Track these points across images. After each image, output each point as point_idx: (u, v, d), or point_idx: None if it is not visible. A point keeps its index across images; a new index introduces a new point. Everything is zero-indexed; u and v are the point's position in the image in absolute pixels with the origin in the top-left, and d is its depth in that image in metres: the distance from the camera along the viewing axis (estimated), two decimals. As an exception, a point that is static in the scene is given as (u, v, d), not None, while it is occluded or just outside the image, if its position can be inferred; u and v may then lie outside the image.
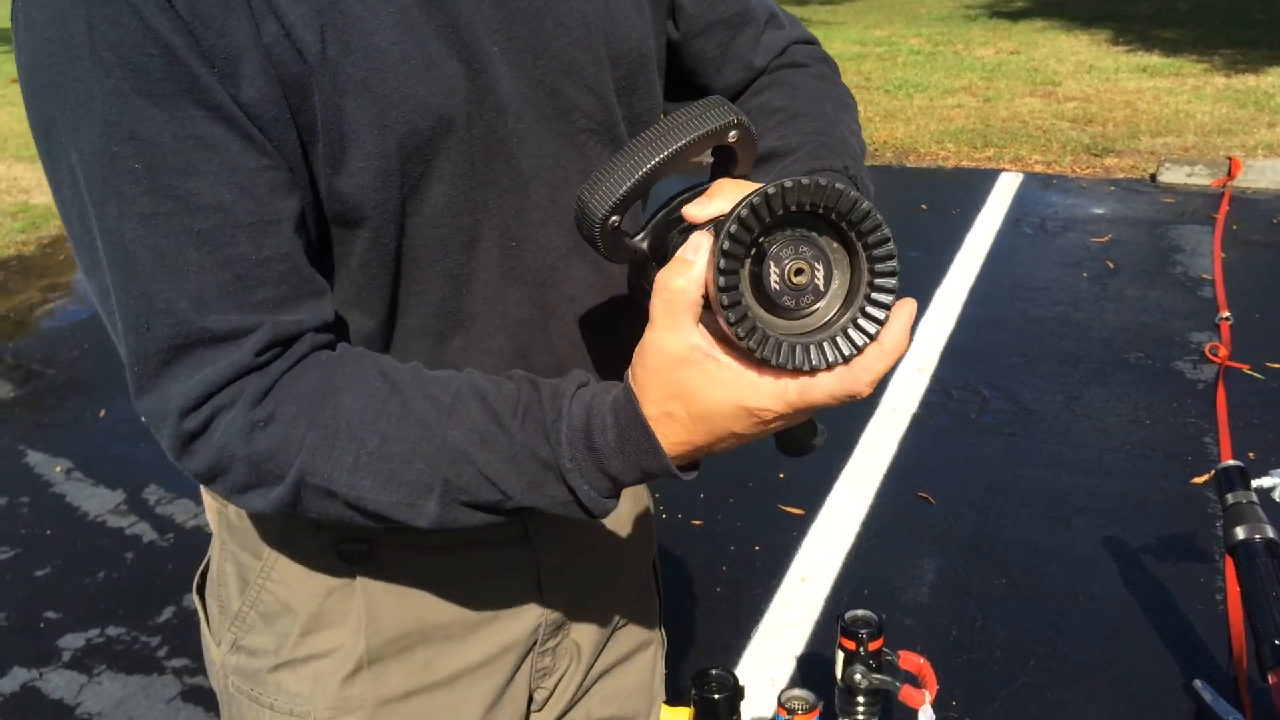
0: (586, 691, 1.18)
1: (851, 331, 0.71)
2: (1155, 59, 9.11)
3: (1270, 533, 2.11)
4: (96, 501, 3.44)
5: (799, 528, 3.12)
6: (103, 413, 4.06)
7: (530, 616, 1.06)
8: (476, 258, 0.89)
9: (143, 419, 0.80)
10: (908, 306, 0.73)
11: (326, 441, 0.78)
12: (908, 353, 0.77)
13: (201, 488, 1.05)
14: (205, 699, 2.57)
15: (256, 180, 0.76)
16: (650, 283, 0.77)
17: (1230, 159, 6.14)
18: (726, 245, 0.67)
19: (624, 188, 0.76)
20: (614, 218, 0.77)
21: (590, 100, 0.92)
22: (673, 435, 0.76)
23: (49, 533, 3.28)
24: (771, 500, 3.26)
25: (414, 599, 1.00)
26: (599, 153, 0.95)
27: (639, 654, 1.24)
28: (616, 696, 1.22)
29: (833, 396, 0.72)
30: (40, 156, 0.77)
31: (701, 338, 0.73)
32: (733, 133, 0.78)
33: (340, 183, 0.80)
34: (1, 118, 9.46)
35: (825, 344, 0.71)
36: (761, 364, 0.71)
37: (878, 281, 0.71)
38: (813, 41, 1.13)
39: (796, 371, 0.71)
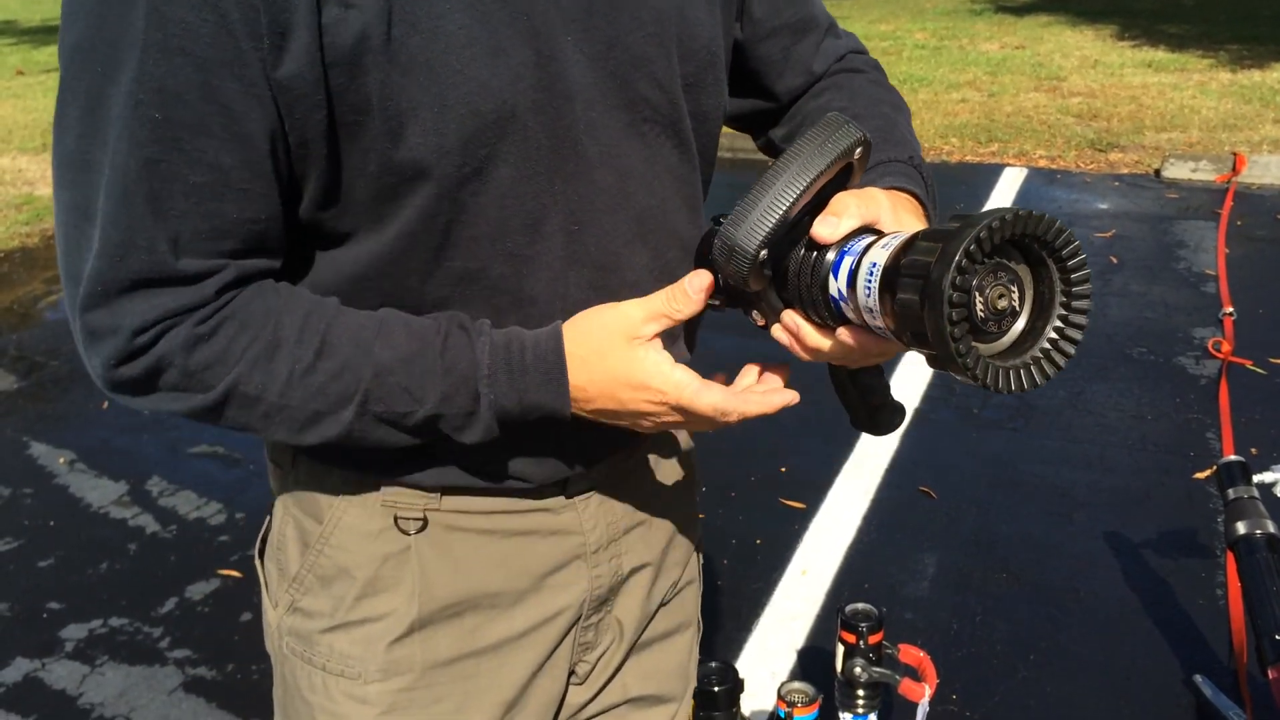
0: (624, 665, 1.21)
1: (1055, 353, 0.75)
2: (1160, 54, 9.10)
3: (1271, 528, 2.11)
4: (99, 493, 3.45)
5: (800, 521, 3.13)
6: (106, 405, 4.06)
7: (575, 591, 1.10)
8: (540, 240, 0.92)
9: (82, 327, 0.84)
10: (776, 385, 0.95)
11: (266, 355, 0.86)
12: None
13: (267, 456, 1.13)
14: (207, 689, 2.58)
15: (260, 156, 0.81)
16: (770, 303, 0.86)
17: (1235, 154, 6.13)
18: (957, 280, 0.69)
19: (773, 221, 0.79)
20: (764, 252, 0.80)
21: (658, 94, 0.95)
22: (578, 377, 0.90)
23: (52, 524, 3.28)
24: (773, 494, 3.26)
25: (466, 568, 1.04)
26: (662, 145, 0.99)
27: (678, 635, 1.27)
28: (654, 675, 1.24)
29: (714, 409, 0.90)
30: (60, 60, 0.81)
31: (650, 330, 0.90)
32: (859, 150, 0.81)
33: (399, 155, 0.83)
34: (5, 110, 9.48)
35: (1033, 367, 0.74)
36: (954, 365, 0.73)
37: (1075, 304, 0.74)
38: (864, 51, 1.19)
39: (962, 371, 0.72)
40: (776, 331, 0.90)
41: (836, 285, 0.81)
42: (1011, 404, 3.72)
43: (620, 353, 0.88)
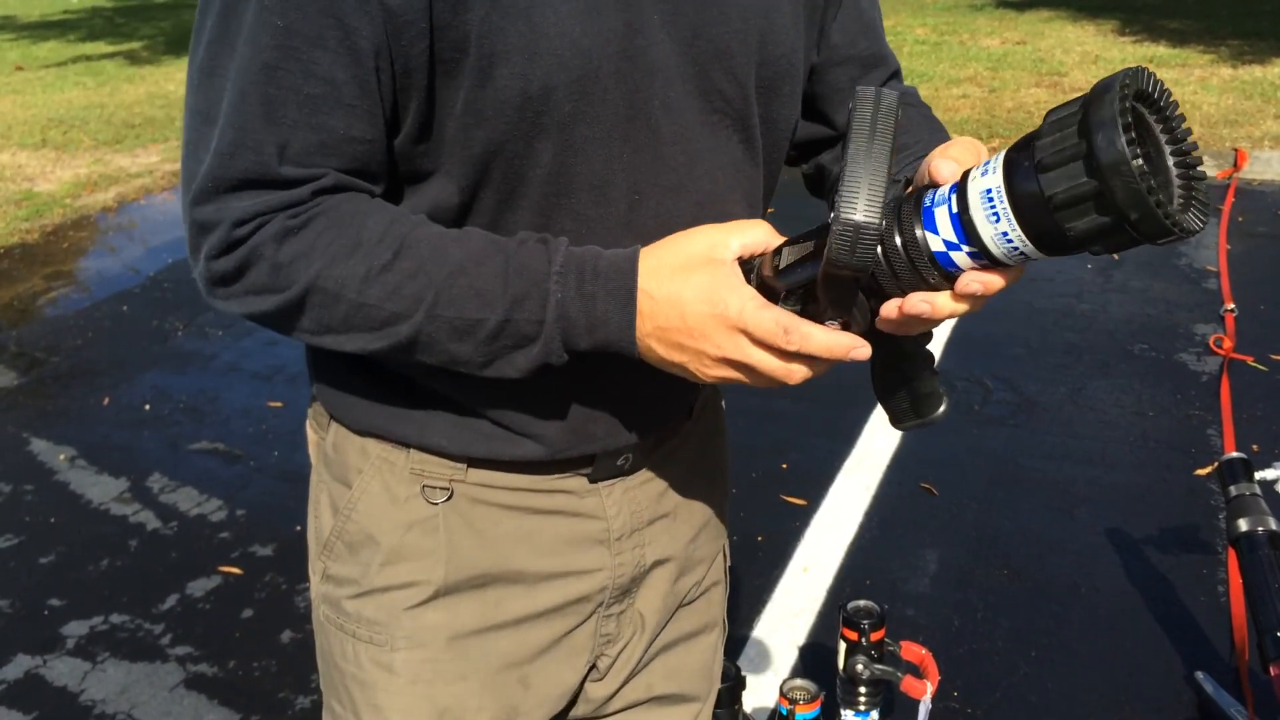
0: (648, 664, 1.21)
1: (1195, 187, 0.74)
2: (1161, 50, 9.09)
3: (1273, 525, 2.11)
4: (100, 489, 3.45)
5: (802, 518, 3.13)
6: (106, 401, 4.06)
7: (598, 577, 1.11)
8: (604, 204, 0.95)
9: (192, 221, 0.90)
10: (859, 343, 0.86)
11: (346, 251, 0.88)
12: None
13: (308, 425, 1.16)
14: (208, 686, 2.58)
15: (368, 74, 0.86)
16: (860, 309, 0.84)
17: (1236, 150, 6.12)
18: (1131, 135, 0.67)
19: (882, 189, 0.76)
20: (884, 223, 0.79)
21: (733, 87, 0.99)
22: (648, 283, 0.88)
23: (53, 520, 3.28)
24: (774, 490, 3.26)
25: (490, 542, 1.07)
26: (729, 139, 1.02)
27: (703, 635, 1.27)
28: (678, 674, 1.25)
29: (776, 323, 0.83)
30: None
31: (736, 248, 0.88)
32: (899, 111, 0.81)
33: (484, 95, 0.87)
34: (5, 105, 9.47)
35: (1193, 204, 0.73)
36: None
37: (1184, 144, 0.75)
38: (920, 101, 1.23)
39: (1165, 230, 0.70)
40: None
41: (940, 239, 0.79)
42: (1012, 400, 3.71)
43: (698, 264, 0.87)
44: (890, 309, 0.83)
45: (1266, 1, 10.80)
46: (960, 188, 0.78)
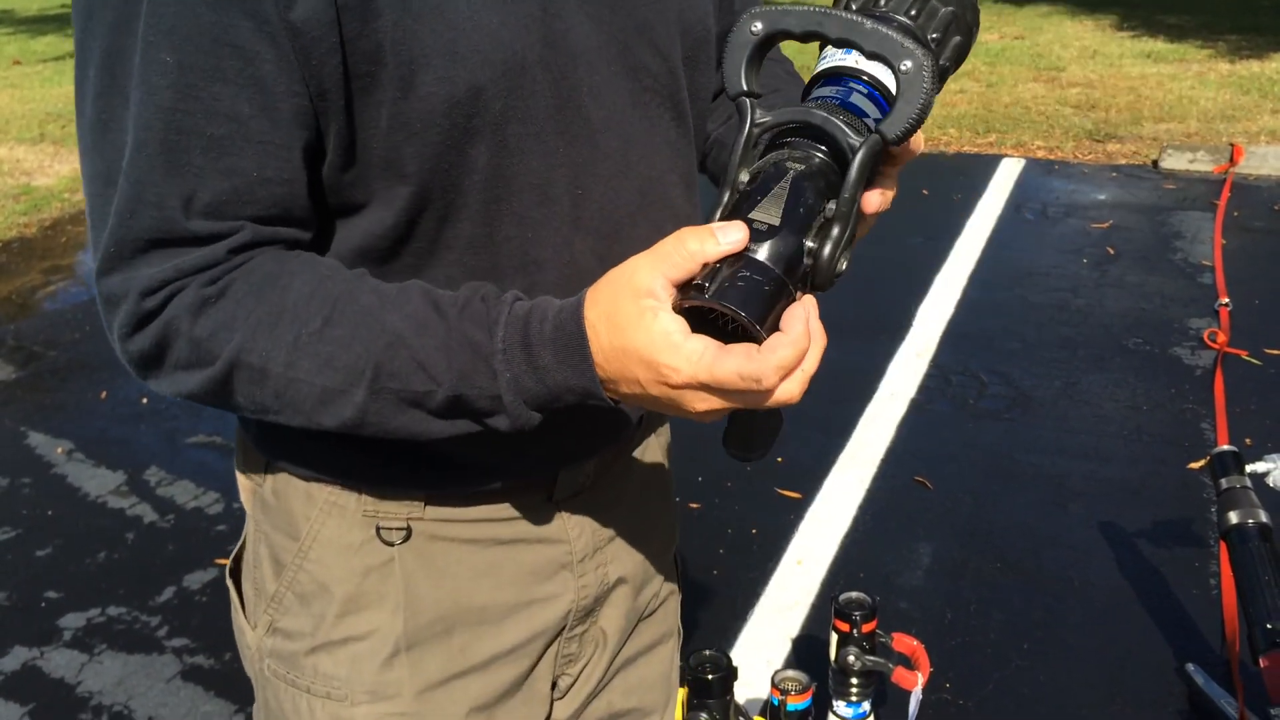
0: (609, 682, 1.19)
1: None
2: (1160, 45, 9.08)
3: (1263, 517, 2.12)
4: (97, 482, 3.45)
5: (796, 511, 3.14)
6: (104, 394, 4.07)
7: (562, 602, 1.08)
8: (547, 203, 0.91)
9: (100, 296, 0.83)
10: (809, 302, 0.77)
11: (270, 319, 0.80)
12: (824, 348, 0.79)
13: (237, 469, 1.08)
14: (205, 678, 2.59)
15: (279, 103, 0.78)
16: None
17: (1232, 145, 6.13)
18: None
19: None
20: None
21: (658, 63, 0.95)
22: (596, 347, 0.78)
23: (50, 513, 3.29)
24: (769, 484, 3.27)
25: (452, 581, 1.01)
26: (661, 117, 0.98)
27: (661, 646, 1.26)
28: (638, 688, 1.23)
29: (740, 376, 0.73)
30: (75, 26, 0.80)
31: (663, 289, 0.75)
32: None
33: (410, 106, 0.81)
34: (3, 100, 9.47)
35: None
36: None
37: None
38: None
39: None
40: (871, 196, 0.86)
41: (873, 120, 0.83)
42: (1007, 394, 3.72)
43: (630, 317, 0.75)
44: (874, 198, 0.86)
45: (1265, -4, 10.80)
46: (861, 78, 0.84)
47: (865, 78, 0.84)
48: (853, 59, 0.82)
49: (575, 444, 1.03)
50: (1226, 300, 4.27)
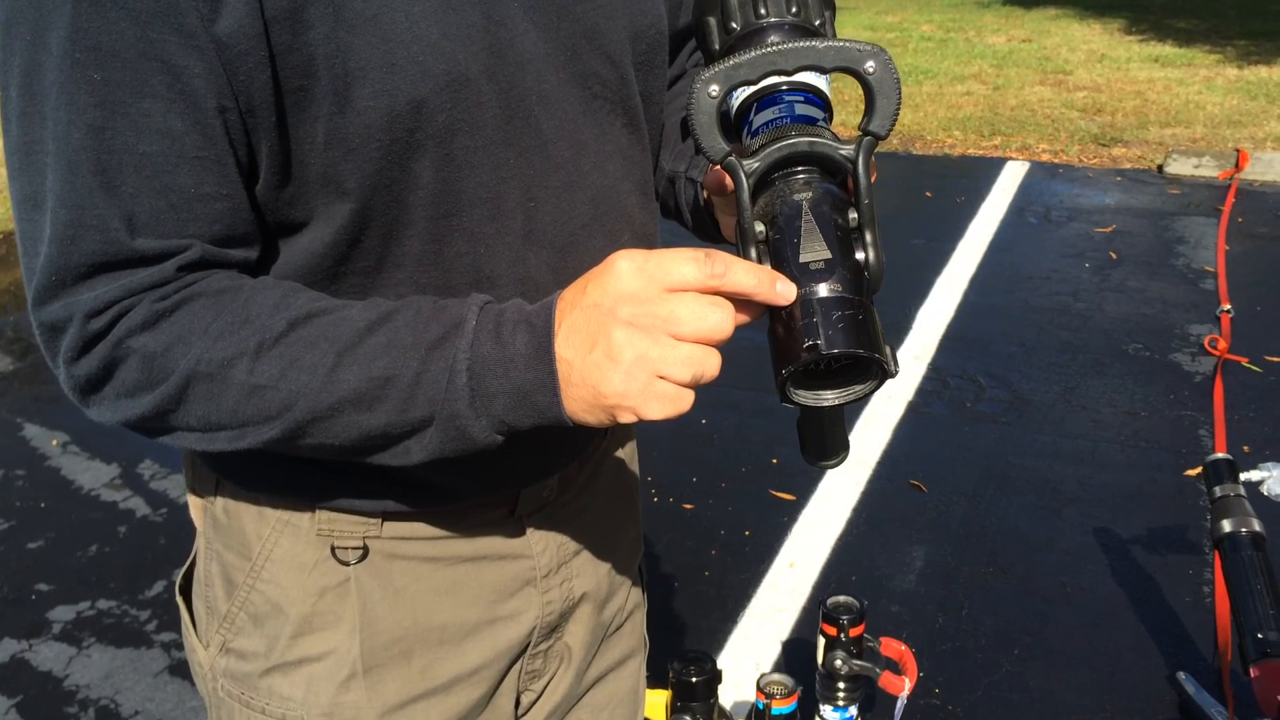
0: (578, 700, 1.16)
1: None
2: (1168, 49, 9.06)
3: (1257, 526, 2.10)
4: (91, 475, 3.45)
5: (789, 513, 3.13)
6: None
7: (526, 620, 1.05)
8: (499, 217, 0.88)
9: (39, 325, 0.79)
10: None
11: (232, 328, 0.77)
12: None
13: (186, 486, 1.05)
14: (191, 674, 2.58)
15: (210, 117, 0.76)
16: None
17: (1238, 151, 6.10)
18: None
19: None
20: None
21: (609, 69, 0.93)
22: (558, 318, 0.76)
23: (43, 505, 3.29)
24: (763, 485, 3.26)
25: (410, 601, 0.98)
26: (613, 124, 0.95)
27: (629, 661, 1.23)
28: (607, 705, 1.21)
29: (755, 279, 0.73)
30: None
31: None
32: None
33: (346, 121, 0.79)
34: (10, 91, 9.46)
35: None
36: None
37: None
38: None
39: None
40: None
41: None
42: (1005, 398, 3.71)
43: (608, 264, 0.75)
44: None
45: (1275, 2, 10.75)
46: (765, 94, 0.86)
47: (787, 87, 0.84)
48: (774, 77, 0.82)
49: (534, 464, 1.00)
50: (1228, 307, 4.25)
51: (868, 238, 0.77)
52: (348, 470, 0.90)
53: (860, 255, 0.77)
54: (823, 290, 0.74)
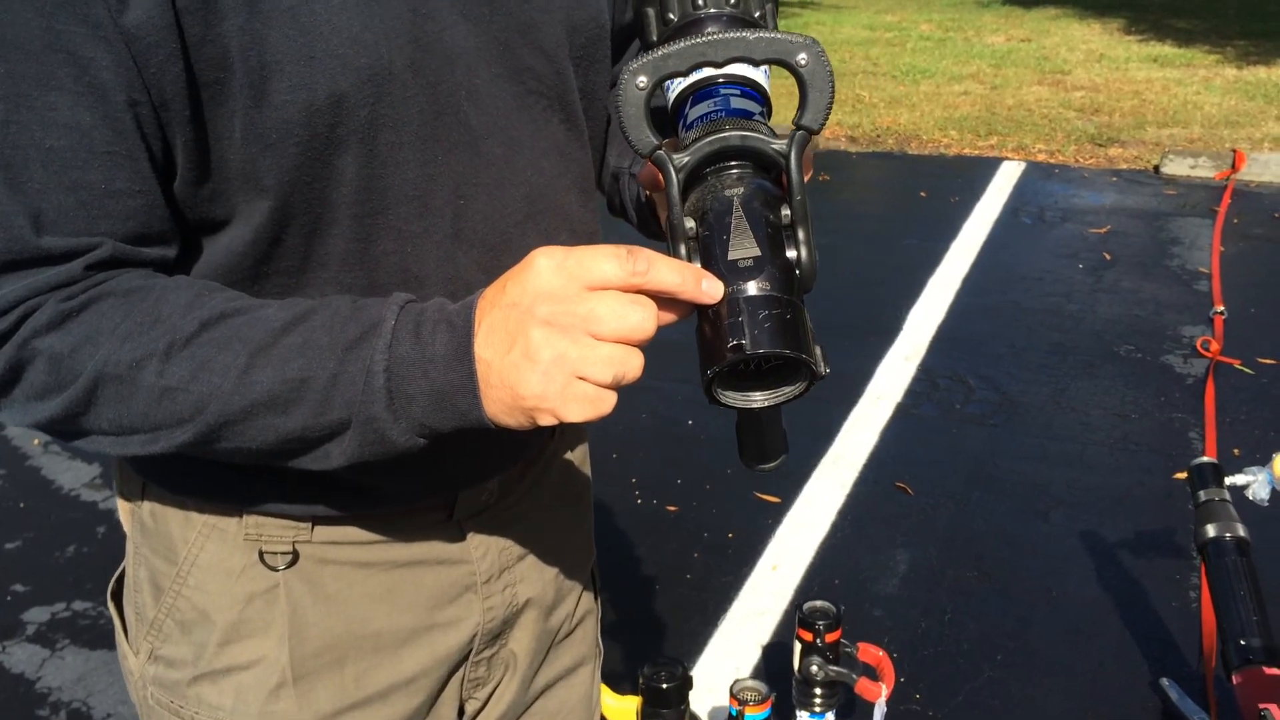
0: (527, 708, 1.14)
1: None
2: (1167, 49, 9.03)
3: (1241, 531, 2.08)
4: (72, 475, 3.42)
5: (774, 515, 3.10)
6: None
7: (467, 626, 1.02)
8: (427, 216, 0.86)
9: None
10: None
11: (142, 328, 0.74)
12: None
13: (115, 489, 1.03)
14: (166, 676, 2.55)
15: (120, 111, 0.74)
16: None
17: (1235, 151, 6.07)
18: None
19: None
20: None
21: (544, 64, 0.90)
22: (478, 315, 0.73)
23: (22, 505, 3.26)
24: (748, 487, 3.23)
25: (343, 607, 0.96)
26: (549, 120, 0.93)
27: (580, 669, 1.21)
28: (558, 713, 1.18)
29: (679, 275, 0.70)
30: None
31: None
32: None
33: (263, 116, 0.76)
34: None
35: None
36: None
37: None
38: None
39: None
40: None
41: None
42: (994, 400, 3.68)
43: (527, 261, 0.72)
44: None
45: (1275, 2, 10.72)
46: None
47: (723, 80, 0.82)
48: (710, 69, 0.80)
49: (471, 467, 0.97)
50: (1222, 308, 4.22)
51: (800, 235, 0.74)
52: (276, 473, 0.86)
53: (791, 253, 0.74)
54: (751, 289, 0.72)
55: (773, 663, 2.54)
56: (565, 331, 0.69)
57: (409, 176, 0.84)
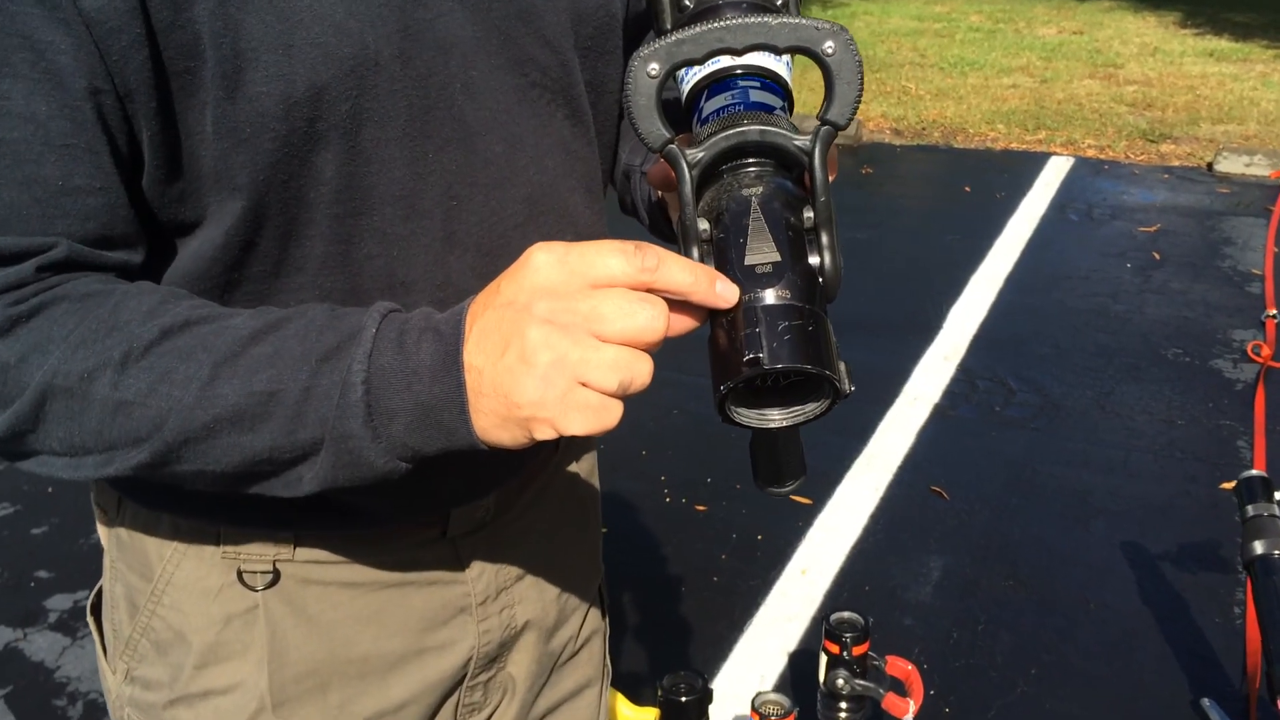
0: None
1: None
2: (1224, 43, 8.82)
3: (1290, 549, 1.99)
4: (101, 460, 3.42)
5: (805, 518, 3.03)
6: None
7: (460, 650, 0.96)
8: (415, 218, 0.80)
9: None
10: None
11: (97, 335, 0.68)
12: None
13: (92, 499, 0.99)
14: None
15: (80, 100, 0.68)
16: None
17: (1292, 149, 5.91)
18: None
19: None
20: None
21: (547, 54, 0.84)
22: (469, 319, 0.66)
23: (50, 490, 3.26)
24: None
25: (326, 630, 0.90)
26: (553, 115, 0.87)
27: (586, 691, 1.15)
28: None
29: (691, 276, 0.64)
30: None
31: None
32: None
33: (237, 109, 0.71)
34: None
35: None
36: None
37: None
38: None
39: None
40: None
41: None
42: (1036, 403, 3.58)
43: (524, 258, 0.66)
44: None
45: (1337, -4, 10.45)
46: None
47: (742, 71, 0.76)
48: (726, 59, 0.73)
49: (466, 483, 0.91)
50: (1275, 312, 4.09)
51: (824, 240, 0.68)
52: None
53: (814, 259, 0.67)
54: (769, 297, 0.65)
55: (799, 671, 2.47)
56: (566, 331, 0.62)
57: (395, 175, 0.78)
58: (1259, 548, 2.02)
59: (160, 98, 0.70)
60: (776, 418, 0.68)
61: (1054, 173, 5.92)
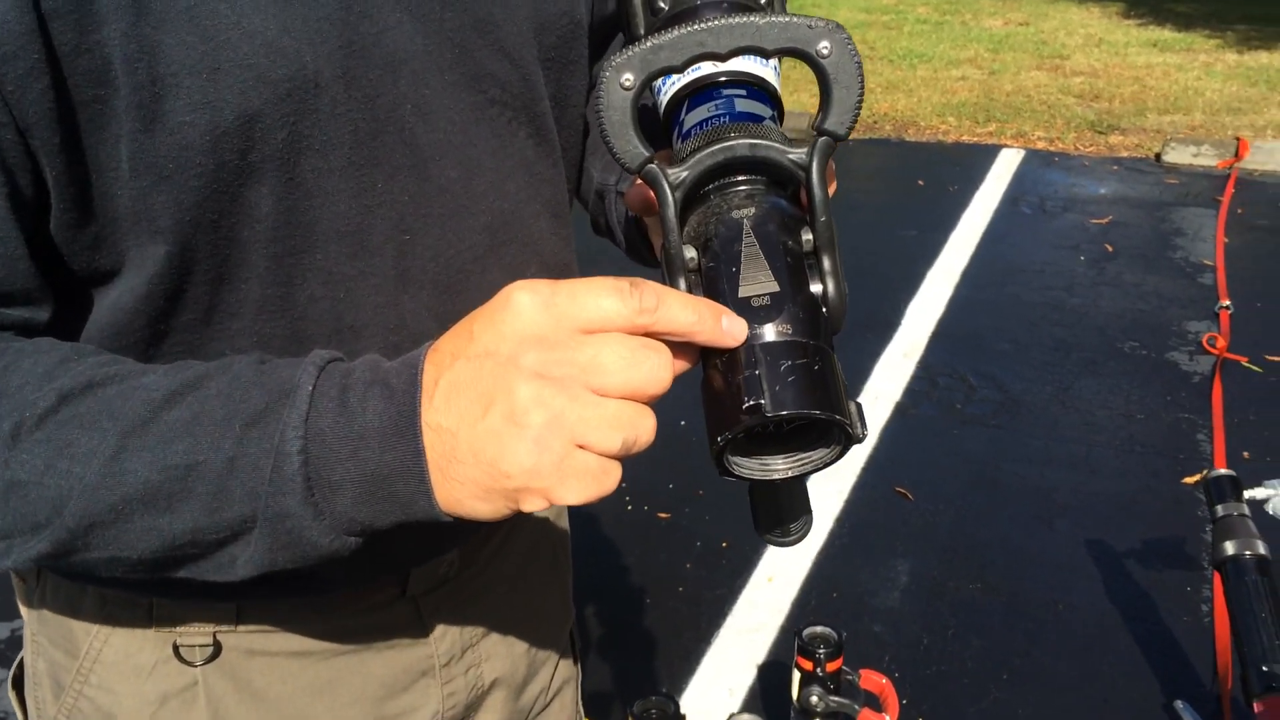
0: None
1: None
2: (1167, 33, 8.90)
3: (1261, 549, 1.97)
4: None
5: (769, 523, 2.98)
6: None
7: (423, 715, 0.89)
8: (363, 255, 0.72)
9: None
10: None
11: None
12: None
13: (13, 574, 0.87)
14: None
15: None
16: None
17: (1238, 139, 5.95)
18: None
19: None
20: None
21: (506, 68, 0.77)
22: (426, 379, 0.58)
23: None
24: (743, 493, 3.09)
25: (275, 705, 0.83)
26: (515, 134, 0.79)
27: None
28: None
29: (695, 313, 0.56)
30: None
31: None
32: None
33: (156, 142, 0.63)
34: None
35: None
36: None
37: None
38: None
39: None
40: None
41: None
42: (996, 399, 3.56)
43: (500, 301, 0.57)
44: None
45: (1275, -15, 10.59)
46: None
47: (725, 78, 0.69)
48: (708, 65, 0.66)
49: (426, 541, 0.84)
50: (1227, 303, 4.11)
51: (826, 264, 0.61)
52: None
53: (816, 287, 0.61)
54: (768, 333, 0.58)
55: (768, 683, 2.43)
56: (561, 386, 0.54)
57: (340, 209, 0.70)
58: (1230, 548, 2.00)
59: (65, 131, 0.62)
60: (781, 467, 0.61)
61: (1005, 165, 5.93)
